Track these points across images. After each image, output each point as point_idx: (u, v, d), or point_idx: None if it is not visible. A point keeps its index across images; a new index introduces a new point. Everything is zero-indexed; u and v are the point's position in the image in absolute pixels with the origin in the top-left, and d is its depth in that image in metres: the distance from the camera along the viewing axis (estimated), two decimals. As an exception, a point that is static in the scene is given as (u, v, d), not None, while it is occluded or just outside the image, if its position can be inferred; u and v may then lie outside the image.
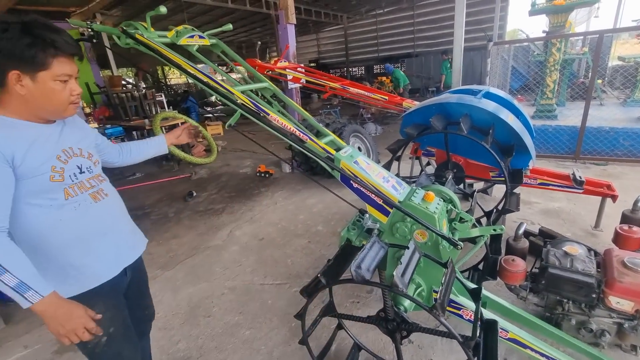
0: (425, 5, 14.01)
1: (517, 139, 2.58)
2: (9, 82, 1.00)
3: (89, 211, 1.17)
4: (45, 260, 1.10)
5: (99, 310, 1.17)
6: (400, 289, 1.21)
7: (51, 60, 1.01)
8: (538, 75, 5.70)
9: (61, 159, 1.11)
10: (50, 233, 1.10)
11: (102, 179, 1.27)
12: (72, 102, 1.12)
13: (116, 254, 1.27)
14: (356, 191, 1.75)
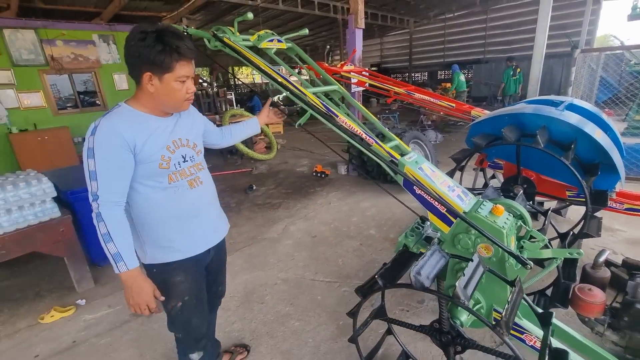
0: (501, 9, 13.11)
1: (603, 157, 2.33)
2: (143, 81, 1.20)
3: (184, 195, 1.34)
4: (147, 229, 1.32)
5: (180, 279, 1.38)
6: (462, 301, 1.18)
7: (175, 64, 1.18)
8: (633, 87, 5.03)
9: (170, 149, 1.29)
10: (153, 209, 1.30)
11: (201, 168, 1.43)
12: (187, 99, 1.29)
13: (203, 235, 1.44)
14: (418, 198, 1.73)
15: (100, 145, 1.14)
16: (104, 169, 1.15)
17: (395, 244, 3.29)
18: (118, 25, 7.36)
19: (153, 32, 1.14)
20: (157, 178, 1.27)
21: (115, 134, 1.15)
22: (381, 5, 11.89)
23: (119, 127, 1.17)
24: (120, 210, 1.21)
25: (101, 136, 1.15)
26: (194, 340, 1.50)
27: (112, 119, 1.18)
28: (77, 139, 6.88)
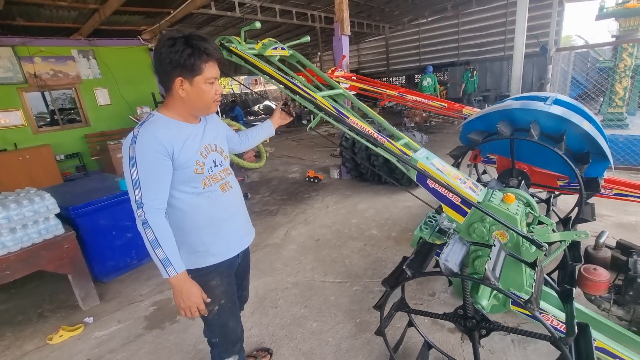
0: (471, 13, 13.70)
1: (592, 146, 2.49)
2: (174, 87, 1.22)
3: (218, 200, 1.37)
4: (183, 234, 1.33)
5: (215, 284, 1.40)
6: (492, 282, 1.24)
7: (204, 65, 1.21)
8: (600, 83, 5.39)
9: (202, 154, 1.32)
10: (189, 214, 1.32)
11: (229, 172, 1.47)
12: (215, 101, 1.31)
13: (235, 238, 1.47)
14: (432, 191, 1.81)
15: (141, 154, 1.17)
16: (146, 176, 1.18)
17: (398, 242, 3.38)
18: (98, 40, 7.23)
19: (181, 38, 1.18)
20: (192, 183, 1.30)
21: (155, 141, 1.18)
22: (357, 12, 12.19)
23: (157, 135, 1.19)
24: (164, 215, 1.24)
25: (142, 144, 1.17)
26: (231, 343, 1.52)
27: (151, 128, 1.21)
28: (60, 156, 6.66)
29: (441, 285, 2.60)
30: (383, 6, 11.96)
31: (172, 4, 7.05)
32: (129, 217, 3.13)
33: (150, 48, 7.96)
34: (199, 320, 1.45)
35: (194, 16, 9.17)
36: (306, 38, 2.45)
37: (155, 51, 1.22)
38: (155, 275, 3.16)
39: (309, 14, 11.11)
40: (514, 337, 2.05)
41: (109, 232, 3.01)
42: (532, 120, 2.58)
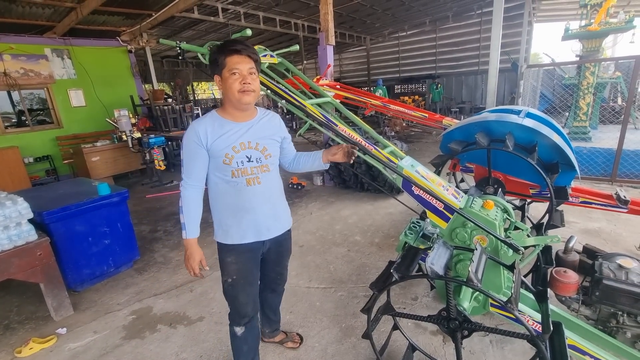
0: (448, 29, 14.29)
1: (561, 157, 2.66)
2: (218, 86, 1.48)
3: (241, 191, 1.54)
4: (215, 211, 1.61)
5: (231, 260, 1.63)
6: (476, 284, 1.31)
7: (226, 59, 1.41)
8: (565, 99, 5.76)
9: (235, 149, 1.50)
10: (219, 196, 1.57)
11: (265, 170, 1.58)
12: (241, 90, 1.42)
13: (254, 229, 1.61)
14: (417, 197, 1.88)
15: (185, 141, 1.48)
16: (187, 158, 1.49)
17: (381, 248, 3.44)
18: (74, 39, 6.99)
19: (221, 43, 1.45)
20: (223, 172, 1.52)
21: (194, 132, 1.46)
22: (339, 23, 12.44)
23: (197, 128, 1.46)
24: (195, 191, 1.52)
25: (187, 135, 1.48)
26: (238, 315, 1.70)
27: (196, 122, 1.50)
28: (29, 159, 6.33)
29: (423, 289, 2.67)
30: (365, 18, 12.27)
31: (153, 6, 6.95)
32: (107, 223, 3.03)
33: (129, 50, 7.77)
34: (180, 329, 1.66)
35: (175, 19, 9.07)
36: (295, 47, 2.50)
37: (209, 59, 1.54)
38: (134, 283, 3.06)
39: (293, 23, 11.24)
40: (492, 338, 2.14)
41: (85, 238, 2.89)
42: (507, 132, 2.73)
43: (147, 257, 3.55)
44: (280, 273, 1.96)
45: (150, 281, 3.10)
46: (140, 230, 4.26)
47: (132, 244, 3.30)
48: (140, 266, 3.38)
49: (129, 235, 3.25)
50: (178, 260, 3.43)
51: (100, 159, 6.37)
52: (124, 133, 6.32)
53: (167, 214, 4.88)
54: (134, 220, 4.45)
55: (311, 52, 15.96)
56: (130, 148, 6.33)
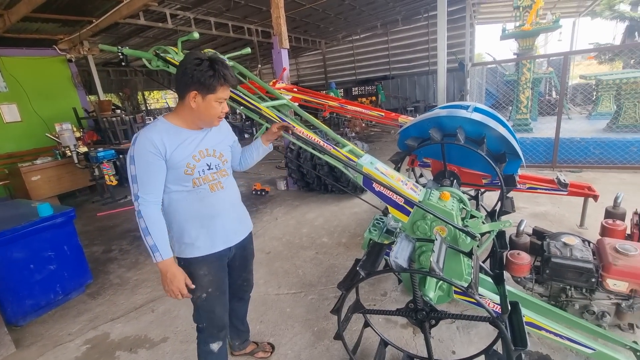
0: (398, 31, 14.89)
1: (507, 147, 2.85)
2: (188, 98, 1.38)
3: (205, 198, 1.50)
4: (174, 226, 1.50)
5: (203, 273, 1.54)
6: (438, 273, 1.35)
7: (219, 87, 1.37)
8: (508, 94, 6.22)
9: (195, 158, 1.45)
10: (179, 208, 1.48)
11: (224, 174, 1.58)
12: (219, 117, 1.46)
13: (222, 234, 1.58)
14: (378, 194, 1.91)
15: (138, 153, 1.35)
16: (141, 173, 1.36)
17: (349, 248, 3.47)
18: (3, 49, 6.36)
19: (207, 60, 1.35)
20: (182, 182, 1.45)
21: (150, 142, 1.35)
22: (293, 27, 12.50)
23: (152, 137, 1.36)
24: (157, 208, 1.41)
25: (139, 145, 1.35)
26: (216, 329, 1.63)
27: (148, 131, 1.38)
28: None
29: (392, 284, 2.72)
30: (318, 22, 12.43)
31: (94, 12, 6.52)
32: (51, 247, 2.77)
33: (69, 59, 7.21)
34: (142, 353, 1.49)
35: (120, 26, 8.60)
36: (247, 50, 2.45)
37: (181, 65, 1.37)
38: (87, 309, 2.82)
39: (246, 28, 11.10)
40: (458, 324, 2.22)
41: (25, 266, 2.61)
42: (458, 126, 2.88)
43: (102, 280, 3.29)
44: (247, 279, 1.94)
45: (105, 305, 2.87)
46: (92, 252, 3.94)
47: (82, 267, 3.04)
48: (93, 290, 3.12)
49: (78, 257, 2.99)
50: (136, 280, 3.21)
51: (42, 178, 5.82)
52: (68, 148, 5.82)
53: (122, 231, 4.56)
54: (85, 241, 4.12)
55: (267, 56, 15.86)
56: (76, 164, 5.85)
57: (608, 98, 6.20)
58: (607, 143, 4.90)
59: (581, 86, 8.67)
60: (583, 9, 12.38)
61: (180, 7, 8.45)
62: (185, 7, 8.48)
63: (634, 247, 1.88)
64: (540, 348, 1.99)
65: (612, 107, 6.04)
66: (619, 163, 4.87)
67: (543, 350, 1.97)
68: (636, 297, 1.83)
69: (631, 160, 4.83)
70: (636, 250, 1.85)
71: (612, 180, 4.52)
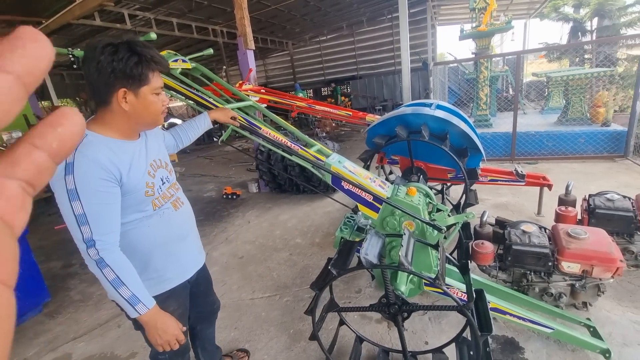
0: (364, 32, 15.16)
1: (469, 142, 2.98)
2: (115, 100, 1.08)
3: (171, 219, 1.29)
4: (134, 263, 1.16)
5: (173, 308, 1.32)
6: (407, 267, 1.38)
7: (151, 75, 1.11)
8: (469, 91, 6.52)
9: (151, 174, 1.22)
10: (139, 240, 1.21)
11: (177, 187, 1.39)
12: (163, 112, 1.21)
13: (190, 257, 1.41)
14: (347, 192, 1.93)
15: (84, 183, 1.02)
16: (95, 208, 1.03)
17: (322, 247, 3.47)
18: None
19: (124, 44, 1.05)
20: (142, 207, 1.20)
21: (98, 166, 1.04)
22: (259, 28, 12.37)
23: (99, 159, 1.05)
24: (119, 249, 1.11)
25: (83, 172, 1.02)
26: (181, 355, 1.48)
27: (89, 151, 1.04)
28: None
29: (365, 281, 2.76)
30: (284, 23, 12.38)
31: (43, 12, 6.12)
32: None
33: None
34: None
35: (74, 27, 8.12)
36: (209, 51, 2.39)
37: (87, 60, 1.05)
38: (46, 330, 2.63)
39: (211, 29, 10.85)
40: (430, 315, 2.29)
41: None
42: (422, 124, 2.97)
43: (61, 297, 3.08)
44: (213, 301, 1.75)
45: (66, 324, 2.69)
46: (50, 268, 3.69)
47: (38, 285, 2.83)
48: (52, 309, 2.91)
49: (33, 275, 2.78)
50: (100, 295, 3.04)
51: (-11, 192, 5.36)
52: (19, 159, 5.40)
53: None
54: (41, 257, 3.84)
55: (234, 58, 15.58)
56: (28, 175, 5.43)
57: (558, 94, 6.65)
58: (558, 135, 5.26)
59: (534, 83, 9.26)
60: (533, 11, 13.23)
61: (140, 8, 8.11)
62: (144, 7, 8.15)
63: (584, 231, 2.02)
64: (506, 331, 2.09)
65: (562, 102, 6.49)
66: (569, 154, 5.24)
67: (508, 333, 2.07)
68: (587, 277, 1.97)
69: (580, 150, 5.21)
70: (586, 234, 2.00)
71: (565, 170, 4.86)
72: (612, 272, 1.89)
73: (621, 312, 2.14)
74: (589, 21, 8.34)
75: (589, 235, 1.98)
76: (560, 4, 8.68)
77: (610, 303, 2.22)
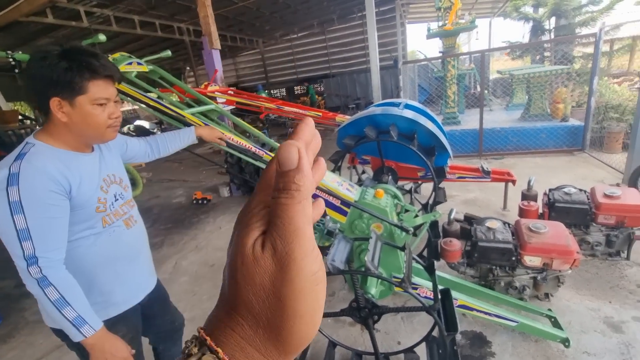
0: (335, 30, 15.19)
1: (436, 141, 3.03)
2: (52, 110, 1.01)
3: (121, 237, 1.21)
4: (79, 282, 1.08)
5: (123, 334, 1.20)
6: (373, 271, 1.37)
7: (87, 83, 1.01)
8: (439, 89, 6.68)
9: (103, 189, 1.15)
10: (84, 259, 1.12)
11: (132, 205, 1.30)
12: (111, 126, 1.11)
13: (141, 280, 1.32)
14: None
15: (30, 195, 0.94)
16: (40, 223, 0.96)
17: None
18: None
19: (56, 50, 0.99)
20: (90, 223, 1.12)
21: (47, 177, 0.98)
22: (227, 26, 12.10)
23: (48, 169, 0.99)
24: (64, 268, 1.02)
25: (29, 183, 0.95)
26: None
27: (37, 161, 0.98)
28: None
29: (339, 284, 2.75)
30: (253, 21, 12.17)
31: (-14, 9, 5.65)
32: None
33: None
34: None
35: (23, 25, 7.56)
36: (167, 52, 2.28)
37: (26, 69, 1.02)
38: (-4, 356, 2.43)
39: (176, 27, 10.47)
40: (402, 315, 2.31)
41: None
42: (391, 124, 2.99)
43: (15, 319, 2.86)
44: (173, 319, 1.62)
45: (20, 348, 2.49)
46: (2, 288, 3.42)
47: (-13, 307, 2.61)
48: (5, 332, 2.70)
49: (-20, 297, 2.56)
50: (59, 313, 2.84)
51: None
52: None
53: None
54: (-9, 276, 3.56)
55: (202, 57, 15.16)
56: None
57: (521, 90, 6.94)
58: (521, 131, 5.49)
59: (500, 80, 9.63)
60: (496, 10, 13.76)
61: (97, 4, 7.69)
62: (102, 4, 7.74)
63: (543, 225, 2.10)
64: (474, 326, 2.14)
65: (525, 98, 6.78)
66: (532, 148, 5.49)
67: (477, 328, 2.12)
68: (548, 269, 2.05)
69: (542, 145, 5.46)
70: (545, 228, 2.08)
71: (529, 164, 5.07)
72: (570, 263, 1.98)
73: (579, 301, 2.25)
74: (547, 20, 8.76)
75: (549, 229, 2.06)
76: (520, 3, 9.06)
77: (569, 292, 2.32)
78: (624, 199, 2.37)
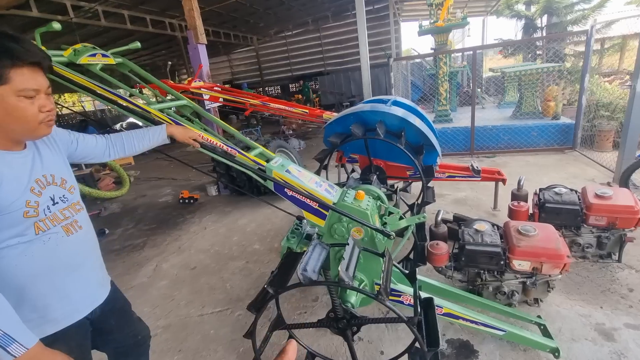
0: (330, 27, 15.03)
1: (425, 139, 2.92)
2: None
3: (59, 246, 1.07)
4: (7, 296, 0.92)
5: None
6: (347, 282, 1.26)
7: (8, 72, 0.89)
8: (432, 87, 6.59)
9: (35, 191, 1.01)
10: (11, 272, 0.98)
11: (79, 208, 1.16)
12: (43, 121, 0.98)
13: (84, 294, 1.17)
14: (291, 199, 1.78)
15: None
16: None
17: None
18: None
19: None
20: (18, 230, 0.98)
21: None
22: (221, 22, 11.91)
23: None
24: None
25: None
26: None
27: None
28: None
29: (323, 288, 2.63)
30: (247, 17, 11.99)
31: (-37, 1, 5.45)
32: None
33: None
34: None
35: (7, 19, 7.34)
36: (136, 44, 2.14)
37: None
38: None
39: (167, 22, 10.27)
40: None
41: None
42: (378, 121, 2.88)
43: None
44: (135, 333, 1.47)
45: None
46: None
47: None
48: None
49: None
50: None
51: None
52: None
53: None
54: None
55: (194, 54, 14.95)
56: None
57: (513, 88, 6.87)
58: (513, 129, 5.41)
59: (493, 78, 9.56)
60: (490, 8, 13.70)
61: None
62: (87, -3, 7.53)
63: (533, 227, 2.00)
64: (461, 334, 2.04)
65: (517, 96, 6.71)
66: (523, 147, 5.41)
67: (463, 336, 2.03)
68: (537, 274, 1.95)
69: (532, 143, 5.39)
70: (535, 230, 1.98)
71: (520, 163, 5.00)
72: (560, 268, 1.88)
73: (570, 306, 2.16)
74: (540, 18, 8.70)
75: (538, 232, 1.97)
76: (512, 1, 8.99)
77: (559, 297, 2.24)
78: (616, 199, 2.29)
